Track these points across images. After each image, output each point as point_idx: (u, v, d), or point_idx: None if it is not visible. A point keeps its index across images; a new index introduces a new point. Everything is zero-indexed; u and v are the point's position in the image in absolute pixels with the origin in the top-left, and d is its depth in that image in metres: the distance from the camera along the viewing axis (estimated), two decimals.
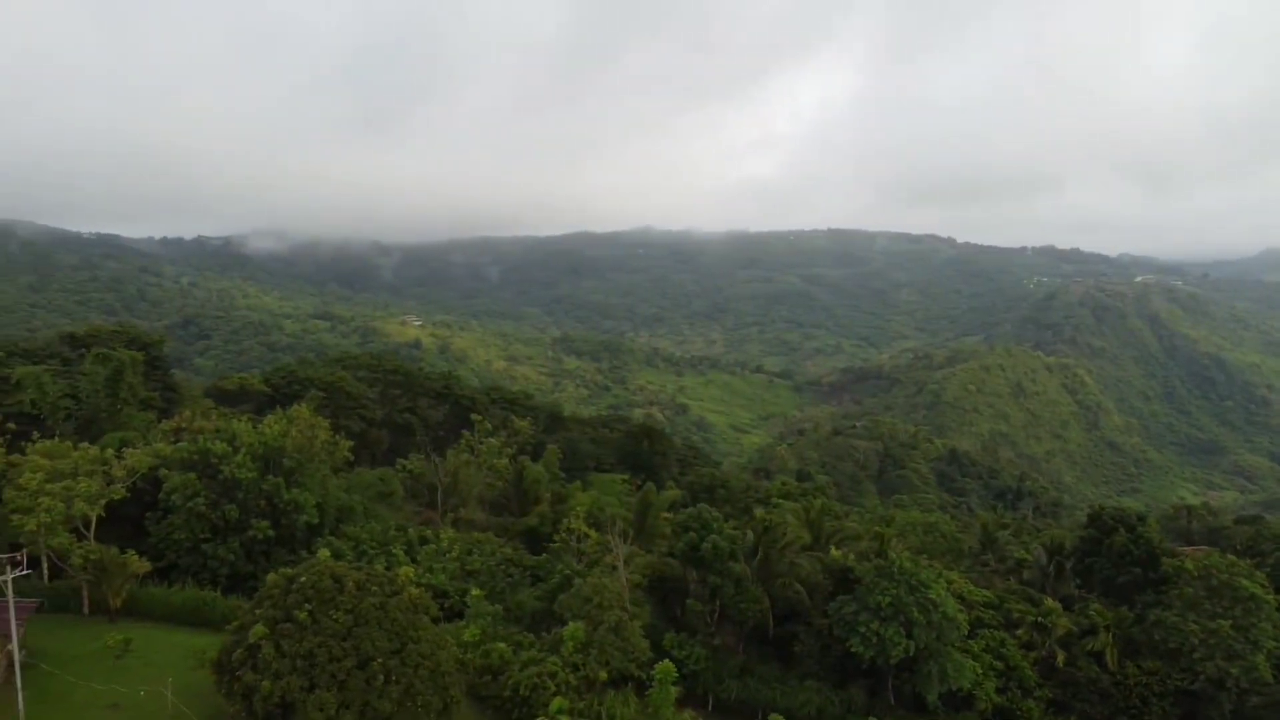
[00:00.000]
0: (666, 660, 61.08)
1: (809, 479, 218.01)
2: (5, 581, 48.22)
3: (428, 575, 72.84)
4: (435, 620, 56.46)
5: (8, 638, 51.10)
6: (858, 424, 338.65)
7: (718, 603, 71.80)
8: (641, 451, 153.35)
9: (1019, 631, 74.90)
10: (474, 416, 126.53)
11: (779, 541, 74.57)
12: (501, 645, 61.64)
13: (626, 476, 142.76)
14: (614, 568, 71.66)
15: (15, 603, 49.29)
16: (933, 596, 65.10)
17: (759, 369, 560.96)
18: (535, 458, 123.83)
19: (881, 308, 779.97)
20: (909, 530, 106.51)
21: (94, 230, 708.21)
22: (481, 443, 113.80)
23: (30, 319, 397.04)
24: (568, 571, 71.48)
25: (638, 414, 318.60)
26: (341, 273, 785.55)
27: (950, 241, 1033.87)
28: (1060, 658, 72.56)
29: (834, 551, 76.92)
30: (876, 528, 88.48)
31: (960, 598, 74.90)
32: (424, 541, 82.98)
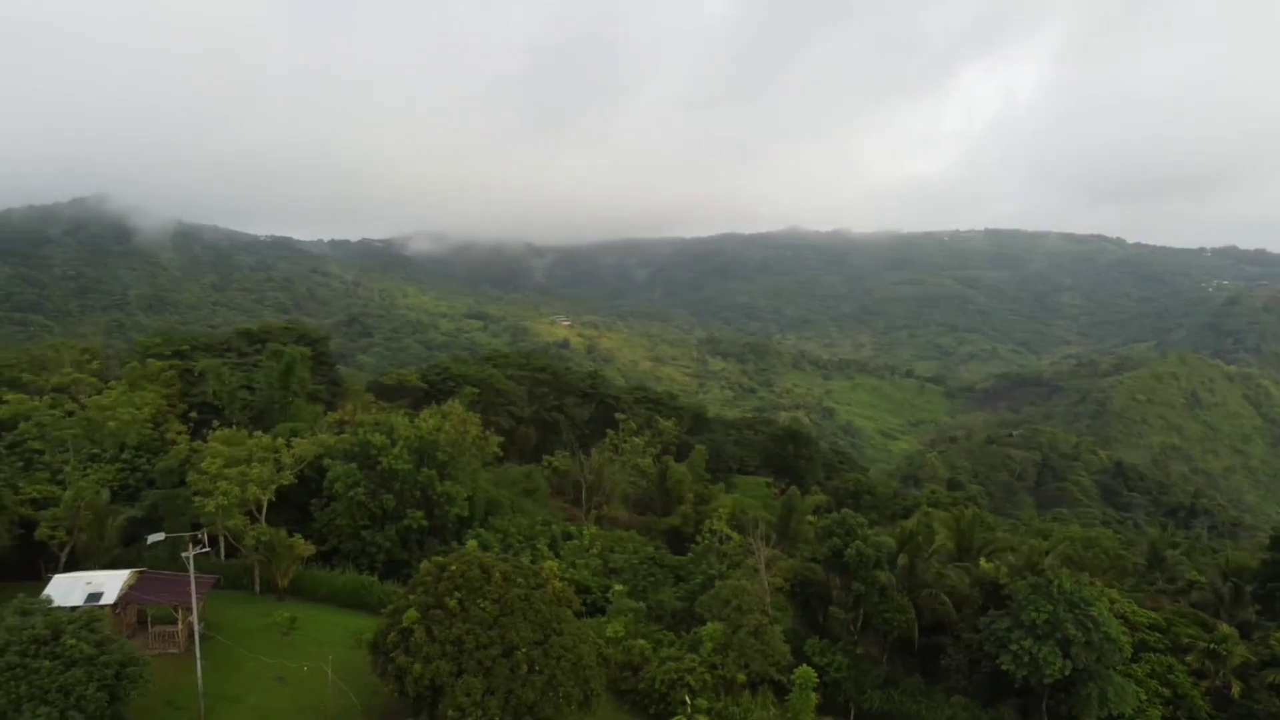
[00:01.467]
0: (807, 666, 60.25)
1: (960, 488, 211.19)
2: (188, 558, 52.00)
3: (571, 570, 74.28)
4: (578, 614, 57.49)
5: (189, 610, 55.26)
6: (1014, 433, 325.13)
7: (861, 611, 70.25)
8: (786, 455, 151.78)
9: (1189, 658, 69.99)
10: (619, 416, 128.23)
11: (925, 550, 72.40)
12: (642, 642, 62.38)
13: (770, 479, 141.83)
14: (756, 570, 71.26)
15: (196, 578, 53.08)
16: (1094, 614, 61.74)
17: (909, 373, 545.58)
18: (679, 458, 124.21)
19: (1042, 312, 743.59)
20: (1065, 544, 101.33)
21: (269, 233, 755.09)
22: (626, 442, 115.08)
23: (212, 316, 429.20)
24: (710, 572, 71.44)
25: (783, 417, 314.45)
26: (494, 273, 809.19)
27: (1119, 242, 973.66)
28: (1236, 689, 67.35)
29: (984, 564, 74.09)
30: (1031, 541, 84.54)
31: (1123, 618, 70.73)
32: (568, 537, 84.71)
